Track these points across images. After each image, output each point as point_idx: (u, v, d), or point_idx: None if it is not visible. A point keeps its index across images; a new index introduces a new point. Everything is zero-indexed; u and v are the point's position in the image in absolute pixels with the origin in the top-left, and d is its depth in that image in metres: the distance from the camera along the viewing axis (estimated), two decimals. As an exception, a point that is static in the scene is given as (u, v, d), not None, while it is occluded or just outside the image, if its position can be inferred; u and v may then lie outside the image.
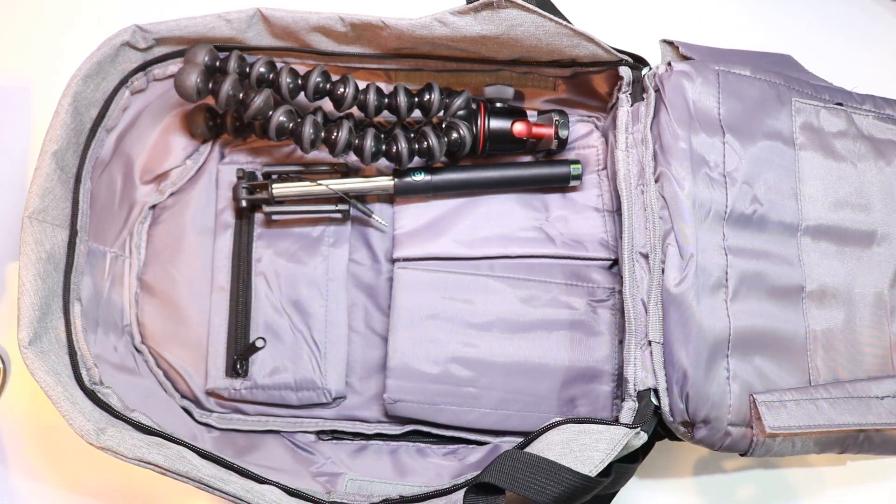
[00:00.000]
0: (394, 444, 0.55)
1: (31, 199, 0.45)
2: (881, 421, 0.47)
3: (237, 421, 0.54)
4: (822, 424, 0.46)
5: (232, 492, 0.43)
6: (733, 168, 0.50)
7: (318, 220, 0.57)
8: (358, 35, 0.50)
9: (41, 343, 0.44)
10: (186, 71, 0.48)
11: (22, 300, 0.43)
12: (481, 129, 0.53)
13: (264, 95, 0.49)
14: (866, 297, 0.51)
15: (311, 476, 0.51)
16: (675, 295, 0.47)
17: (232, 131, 0.55)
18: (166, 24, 0.49)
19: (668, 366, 0.46)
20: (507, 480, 0.41)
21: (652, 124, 0.51)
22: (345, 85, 0.51)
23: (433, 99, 0.52)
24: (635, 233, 0.49)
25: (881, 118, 0.54)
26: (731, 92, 0.51)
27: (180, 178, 0.56)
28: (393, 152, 0.52)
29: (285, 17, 0.49)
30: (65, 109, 0.46)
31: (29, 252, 0.44)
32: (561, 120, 0.54)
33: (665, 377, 0.46)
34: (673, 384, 0.46)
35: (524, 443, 0.48)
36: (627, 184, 0.51)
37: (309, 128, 0.50)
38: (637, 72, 0.52)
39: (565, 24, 0.47)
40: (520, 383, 0.53)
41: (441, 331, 0.53)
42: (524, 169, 0.55)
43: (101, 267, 0.52)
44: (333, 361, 0.54)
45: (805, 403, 0.47)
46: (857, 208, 0.52)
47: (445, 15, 0.47)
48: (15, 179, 0.61)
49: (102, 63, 0.48)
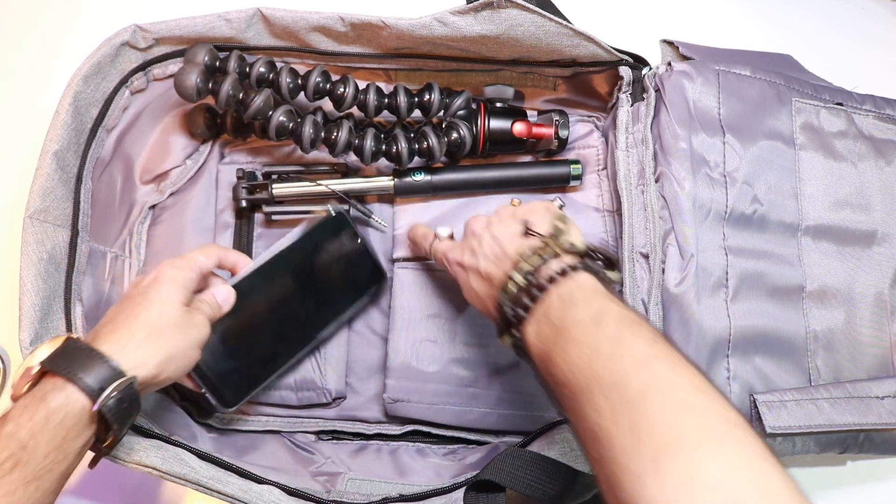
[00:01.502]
0: (394, 444, 0.55)
1: (32, 199, 0.45)
2: (881, 421, 0.47)
3: (237, 421, 0.54)
4: (823, 424, 0.46)
5: (230, 493, 0.43)
6: (733, 168, 0.50)
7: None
8: (358, 35, 0.50)
9: (42, 343, 0.44)
10: (186, 70, 0.48)
11: (23, 301, 0.43)
12: (481, 129, 0.53)
13: (264, 95, 0.49)
14: (866, 297, 0.51)
15: (311, 476, 0.51)
16: (676, 295, 0.48)
17: (232, 131, 0.55)
18: (166, 24, 0.49)
19: (668, 366, 0.46)
20: (508, 478, 0.41)
21: (652, 124, 0.51)
22: (345, 85, 0.51)
23: (433, 99, 0.52)
24: (635, 233, 0.49)
25: (881, 118, 0.54)
26: (732, 92, 0.51)
27: (180, 178, 0.56)
28: (393, 152, 0.52)
29: (285, 16, 0.49)
30: (65, 109, 0.46)
31: (30, 252, 0.44)
32: (561, 120, 0.54)
33: (665, 377, 0.46)
34: (673, 384, 0.46)
35: (525, 441, 0.48)
36: (627, 184, 0.51)
37: (309, 128, 0.50)
38: (637, 72, 0.52)
39: (565, 23, 0.47)
40: (520, 383, 0.53)
41: (441, 331, 0.53)
42: (524, 169, 0.55)
43: (101, 267, 0.52)
44: (333, 362, 0.54)
45: (805, 403, 0.47)
46: (857, 208, 0.52)
47: (445, 15, 0.47)
48: (15, 180, 0.61)
49: (102, 63, 0.48)
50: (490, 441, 0.54)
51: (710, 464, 0.25)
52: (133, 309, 0.39)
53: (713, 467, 0.25)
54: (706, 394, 0.28)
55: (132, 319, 0.38)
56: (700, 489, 0.25)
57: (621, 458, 0.27)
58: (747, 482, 0.25)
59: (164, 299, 0.40)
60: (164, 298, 0.40)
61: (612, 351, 0.31)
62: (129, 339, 0.38)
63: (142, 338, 0.38)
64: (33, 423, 0.33)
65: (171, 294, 0.40)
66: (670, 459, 0.26)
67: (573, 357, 0.32)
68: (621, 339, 0.31)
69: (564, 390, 0.32)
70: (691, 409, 0.28)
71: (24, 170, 0.61)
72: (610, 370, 0.30)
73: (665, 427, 0.27)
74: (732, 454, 0.26)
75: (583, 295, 0.35)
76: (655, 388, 0.28)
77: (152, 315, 0.39)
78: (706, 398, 0.28)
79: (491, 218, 0.43)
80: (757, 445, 0.26)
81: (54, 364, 0.35)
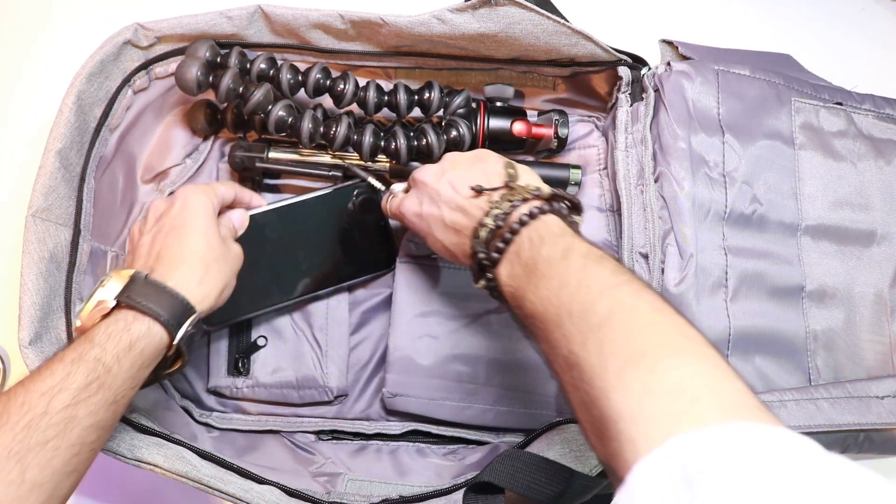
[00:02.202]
0: (393, 444, 0.55)
1: (35, 197, 0.45)
2: (882, 420, 0.47)
3: (237, 421, 0.54)
4: (823, 424, 0.46)
5: (231, 492, 0.43)
6: (733, 168, 0.50)
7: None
8: (358, 32, 0.50)
9: (42, 343, 0.44)
10: (187, 64, 0.49)
11: (23, 299, 0.43)
12: (481, 127, 0.53)
13: (264, 90, 0.49)
14: (866, 297, 0.51)
15: (311, 476, 0.51)
16: (675, 295, 0.48)
17: (232, 127, 0.55)
18: (168, 22, 0.49)
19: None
20: (507, 480, 0.41)
21: (651, 124, 0.51)
22: (345, 81, 0.51)
23: (433, 97, 0.52)
24: (635, 233, 0.49)
25: (881, 117, 0.54)
26: (731, 92, 0.51)
27: (180, 176, 0.56)
28: (392, 148, 0.52)
29: (286, 13, 0.49)
30: (69, 108, 0.46)
31: (32, 251, 0.44)
32: (560, 119, 0.54)
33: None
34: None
35: (524, 442, 0.48)
36: (627, 184, 0.51)
37: (308, 122, 0.50)
38: (636, 72, 0.52)
39: (563, 22, 0.47)
40: (519, 380, 0.53)
41: (441, 326, 0.53)
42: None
43: (102, 266, 0.52)
44: (335, 359, 0.54)
45: (805, 403, 0.47)
46: (856, 208, 0.52)
47: (444, 12, 0.47)
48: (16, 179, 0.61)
49: (105, 62, 0.48)
50: (489, 441, 0.54)
51: (671, 373, 0.27)
52: (181, 242, 0.41)
53: (674, 375, 0.27)
54: (665, 313, 0.30)
55: (187, 254, 0.41)
56: (662, 396, 0.26)
57: (590, 377, 0.29)
58: (706, 388, 0.26)
59: (205, 231, 0.42)
60: (205, 230, 0.42)
61: (578, 281, 0.33)
62: (192, 275, 0.40)
63: (201, 273, 0.41)
64: (118, 349, 0.36)
65: (210, 225, 0.43)
66: (633, 370, 0.28)
67: (543, 291, 0.34)
68: (587, 270, 0.33)
69: (537, 322, 0.34)
70: (652, 326, 0.30)
71: (26, 169, 0.61)
72: (578, 299, 0.32)
73: (628, 343, 0.29)
74: (692, 365, 0.27)
75: (550, 234, 0.36)
76: (619, 311, 0.30)
77: (202, 248, 0.41)
78: (665, 316, 0.30)
79: (444, 166, 0.44)
80: (715, 358, 0.28)
81: (131, 299, 0.38)
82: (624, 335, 0.29)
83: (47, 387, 0.34)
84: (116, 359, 0.36)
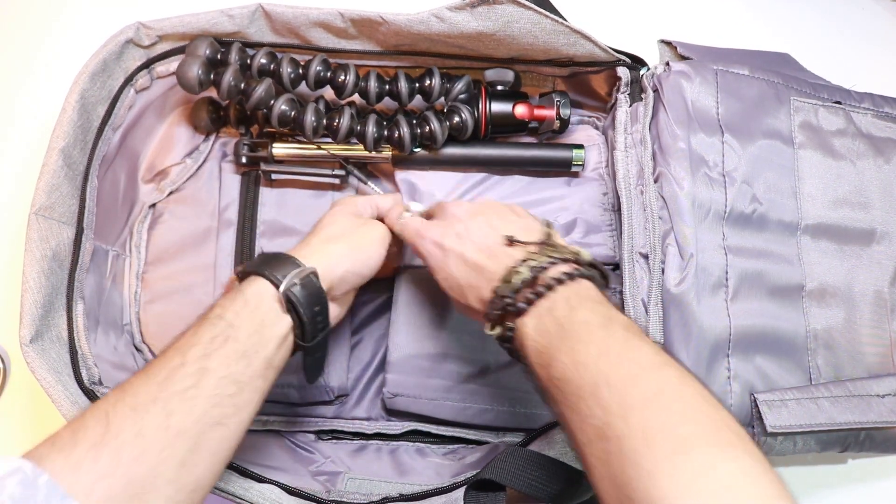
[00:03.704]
0: (393, 443, 0.55)
1: (38, 195, 0.45)
2: (882, 419, 0.47)
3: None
4: (824, 423, 0.46)
5: (231, 490, 0.43)
6: (732, 167, 0.50)
7: (316, 185, 0.57)
8: (358, 31, 0.51)
9: (42, 341, 0.44)
10: (188, 63, 0.49)
11: (25, 297, 0.43)
12: (483, 112, 0.53)
13: (265, 85, 0.49)
14: (866, 296, 0.51)
15: (311, 475, 0.51)
16: (676, 295, 0.48)
17: (235, 123, 0.56)
18: (169, 21, 0.50)
19: (668, 365, 0.46)
20: (508, 477, 0.41)
21: (651, 124, 0.51)
22: (345, 72, 0.51)
23: (434, 84, 0.52)
24: (635, 233, 0.49)
25: (880, 116, 0.54)
26: (730, 91, 0.51)
27: (180, 176, 0.56)
28: (395, 137, 0.52)
29: (286, 12, 0.49)
30: (72, 107, 0.46)
31: (34, 249, 0.44)
32: (562, 100, 0.53)
33: (665, 376, 0.46)
34: (673, 383, 0.46)
35: (525, 440, 0.48)
36: (627, 184, 0.51)
37: (311, 115, 0.50)
38: (635, 72, 0.52)
39: (562, 21, 0.47)
40: (519, 380, 0.53)
41: (442, 327, 0.53)
42: (525, 149, 0.54)
43: (103, 265, 0.52)
44: (336, 359, 0.54)
45: (806, 402, 0.47)
46: (856, 206, 0.52)
47: (442, 11, 0.47)
48: (20, 176, 0.61)
49: (108, 60, 0.48)
50: (490, 440, 0.54)
51: (723, 466, 0.27)
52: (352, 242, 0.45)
53: (726, 470, 0.27)
54: (713, 404, 0.30)
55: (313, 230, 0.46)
56: (713, 489, 0.26)
57: (633, 456, 0.28)
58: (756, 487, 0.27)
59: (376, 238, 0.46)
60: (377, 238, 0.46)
61: (620, 353, 0.32)
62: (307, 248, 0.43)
63: (341, 252, 0.44)
64: (235, 306, 0.38)
65: (385, 237, 0.47)
66: (685, 459, 0.27)
67: (580, 355, 0.33)
68: (629, 343, 0.33)
69: (567, 386, 0.33)
70: (704, 414, 0.29)
71: (29, 167, 0.61)
72: (620, 370, 0.31)
73: (680, 428, 0.28)
74: (743, 461, 0.27)
75: (589, 300, 0.36)
76: (667, 392, 0.30)
77: (367, 256, 0.45)
78: (715, 407, 0.30)
79: (480, 207, 0.44)
80: (762, 458, 0.28)
81: (248, 266, 0.41)
82: (676, 418, 0.29)
83: (180, 344, 0.36)
84: (235, 314, 0.38)
